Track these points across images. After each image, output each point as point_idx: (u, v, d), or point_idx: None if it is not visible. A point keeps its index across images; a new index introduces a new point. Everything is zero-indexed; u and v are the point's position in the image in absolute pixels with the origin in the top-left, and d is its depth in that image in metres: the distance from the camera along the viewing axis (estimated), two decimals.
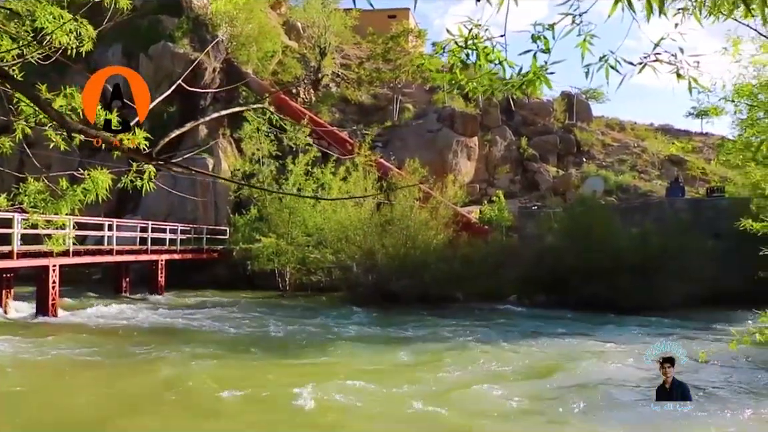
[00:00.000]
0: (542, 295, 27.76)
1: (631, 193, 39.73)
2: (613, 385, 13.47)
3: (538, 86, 3.05)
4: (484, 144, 43.00)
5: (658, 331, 20.70)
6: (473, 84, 3.11)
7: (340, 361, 15.27)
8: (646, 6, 2.50)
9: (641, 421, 10.85)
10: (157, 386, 12.56)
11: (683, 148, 18.10)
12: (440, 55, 3.11)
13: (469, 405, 11.47)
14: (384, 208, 28.70)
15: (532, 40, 2.93)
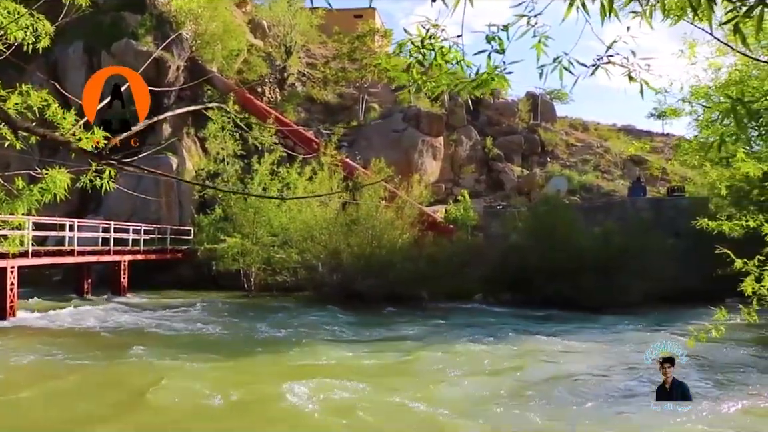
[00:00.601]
0: (507, 294, 28.03)
1: (594, 193, 40.27)
2: (577, 382, 13.65)
3: (493, 86, 3.08)
4: (449, 144, 43.19)
5: (620, 329, 21.03)
6: (431, 84, 3.13)
7: (305, 361, 15.20)
8: (601, 9, 2.54)
9: (603, 417, 11.01)
10: (120, 390, 12.41)
11: (642, 148, 18.44)
12: (400, 55, 3.12)
13: (433, 403, 11.51)
14: (350, 208, 28.68)
15: (487, 40, 2.96)
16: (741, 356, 16.38)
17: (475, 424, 10.52)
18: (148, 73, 35.57)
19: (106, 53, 35.85)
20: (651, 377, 14.06)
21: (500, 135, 45.80)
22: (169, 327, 19.83)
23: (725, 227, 7.04)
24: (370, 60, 43.57)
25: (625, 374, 14.43)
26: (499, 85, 3.12)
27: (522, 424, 10.59)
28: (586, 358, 16.13)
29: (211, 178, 32.52)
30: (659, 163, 43.42)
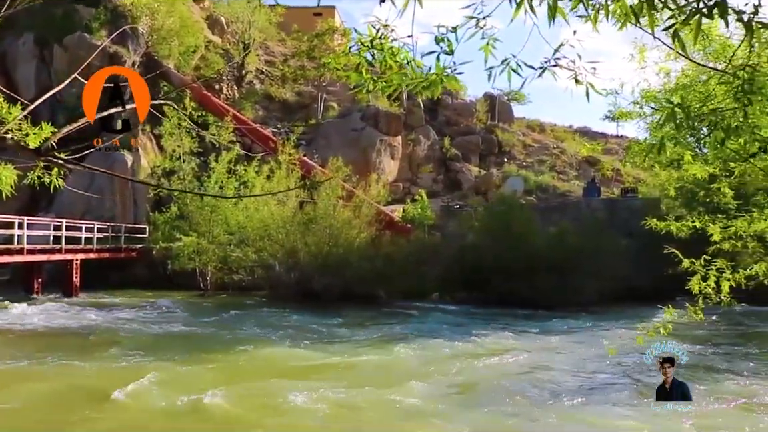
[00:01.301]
0: (463, 293, 28.23)
1: (550, 193, 40.79)
2: (531, 379, 13.82)
3: (443, 87, 3.11)
4: (407, 143, 43.32)
5: (574, 327, 21.39)
6: (382, 83, 3.15)
7: (256, 362, 15.11)
8: (548, 12, 2.58)
9: (557, 413, 11.17)
10: (71, 392, 12.15)
11: (594, 149, 18.80)
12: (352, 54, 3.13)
13: (385, 402, 11.54)
14: (307, 207, 28.58)
15: (436, 42, 2.99)
16: (692, 352, 16.78)
17: (427, 423, 10.57)
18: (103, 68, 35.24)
19: (58, 46, 35.08)
20: (603, 374, 14.37)
21: (458, 135, 46.10)
22: (121, 327, 19.50)
23: (673, 228, 7.20)
24: (328, 58, 43.30)
25: (579, 372, 14.68)
26: (449, 85, 3.15)
27: (474, 422, 10.69)
28: (540, 357, 16.36)
29: (167, 176, 32.05)
30: (608, 165, 44.15)
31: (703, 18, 2.42)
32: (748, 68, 2.82)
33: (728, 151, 4.91)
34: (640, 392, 12.80)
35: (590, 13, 2.71)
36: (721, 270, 6.74)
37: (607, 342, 17.81)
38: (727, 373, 14.59)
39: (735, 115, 2.92)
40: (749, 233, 6.84)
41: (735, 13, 2.53)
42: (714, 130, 3.02)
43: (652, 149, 3.35)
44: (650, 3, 2.51)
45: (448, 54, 3.00)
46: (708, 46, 6.13)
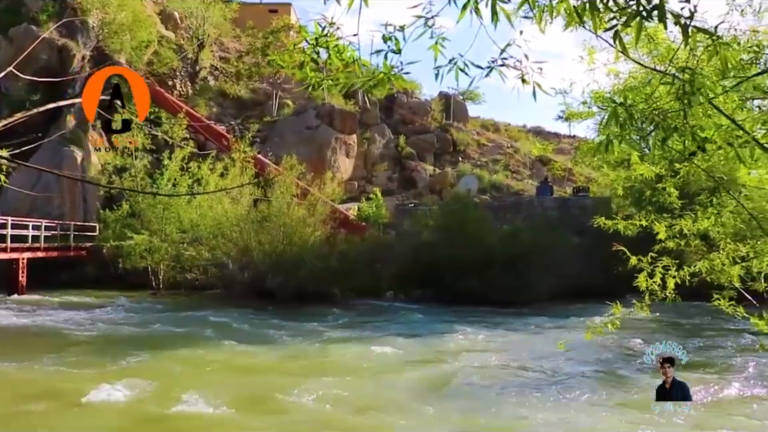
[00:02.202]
0: (418, 291, 28.37)
1: (504, 192, 41.28)
2: (486, 375, 13.97)
3: (389, 85, 3.12)
4: (362, 142, 43.34)
5: (527, 324, 21.68)
6: (328, 81, 3.15)
7: (209, 361, 14.95)
8: (492, 12, 2.62)
9: (510, 409, 11.31)
10: (14, 396, 11.85)
11: (545, 149, 19.11)
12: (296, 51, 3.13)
13: (337, 400, 11.53)
14: (261, 205, 28.38)
15: (383, 40, 3.01)
16: (639, 347, 17.18)
17: (382, 421, 10.61)
18: (51, 61, 34.01)
19: (2, 38, 34.14)
20: (556, 368, 14.59)
21: (413, 134, 46.29)
22: (68, 328, 19.04)
23: (620, 226, 7.34)
24: (273, 56, 42.91)
25: (533, 366, 14.89)
26: (396, 84, 3.17)
27: (429, 419, 10.76)
28: (495, 352, 16.56)
29: (118, 173, 31.45)
30: (561, 165, 44.87)
31: (645, 21, 2.50)
32: (688, 70, 2.90)
33: (673, 151, 5.03)
34: (591, 385, 13.07)
35: (535, 13, 2.75)
36: (666, 267, 6.88)
37: (558, 338, 18.09)
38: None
39: (676, 116, 3.00)
40: (693, 232, 7.01)
41: (673, 17, 2.61)
42: (655, 129, 3.11)
43: (599, 148, 3.42)
44: (593, 4, 2.57)
45: (396, 53, 3.02)
46: (654, 49, 6.27)
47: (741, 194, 7.77)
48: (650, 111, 3.31)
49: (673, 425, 10.34)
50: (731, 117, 4.92)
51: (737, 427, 10.51)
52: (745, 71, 5.31)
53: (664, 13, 2.50)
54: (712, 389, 12.76)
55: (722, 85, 5.50)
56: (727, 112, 5.04)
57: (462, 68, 3.03)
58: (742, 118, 5.05)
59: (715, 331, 19.47)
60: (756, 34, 5.83)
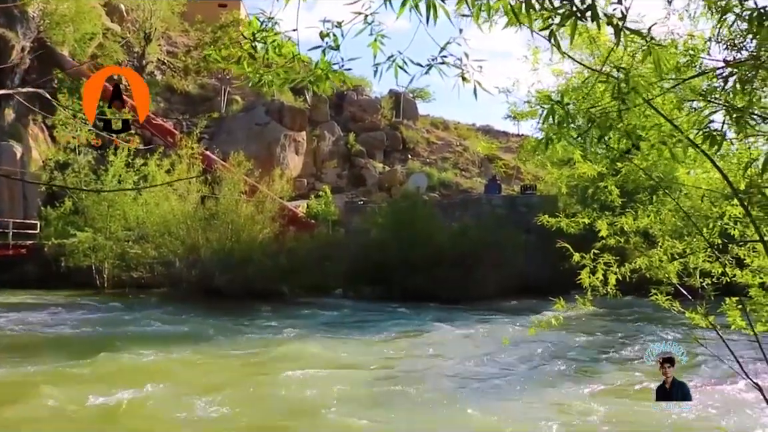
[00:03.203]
0: (368, 288, 28.42)
1: (453, 190, 41.63)
2: (434, 372, 14.08)
3: (328, 82, 3.13)
4: (312, 139, 43.20)
5: (475, 320, 21.88)
6: (268, 77, 3.14)
7: (155, 360, 14.69)
8: (427, 10, 2.64)
9: (459, 405, 11.42)
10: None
11: (490, 147, 19.41)
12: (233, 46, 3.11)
13: (281, 399, 11.49)
14: (209, 202, 28.04)
15: (320, 37, 3.01)
16: (582, 342, 17.56)
17: (328, 418, 10.59)
18: None
19: None
20: (503, 364, 14.80)
21: (363, 131, 46.32)
22: (5, 328, 18.49)
23: (563, 224, 7.47)
24: (209, 50, 42.42)
25: (479, 363, 15.06)
26: (335, 80, 3.17)
27: (377, 415, 10.79)
28: (442, 350, 16.68)
29: (61, 169, 30.66)
30: (504, 163, 45.42)
31: (579, 21, 2.55)
32: (622, 70, 2.98)
33: (611, 149, 5.15)
34: (535, 380, 13.31)
35: (473, 12, 2.79)
36: (608, 264, 7.02)
37: (505, 334, 18.36)
38: (613, 360, 15.38)
39: (612, 114, 3.08)
40: (633, 229, 7.18)
41: (606, 17, 2.68)
42: (592, 128, 3.19)
43: (538, 146, 3.49)
44: (528, 4, 2.62)
45: (334, 49, 3.02)
46: (597, 50, 6.39)
47: (681, 193, 7.97)
48: (587, 110, 3.39)
49: (593, 415, 10.63)
50: (668, 117, 5.06)
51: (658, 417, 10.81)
52: (683, 74, 5.47)
53: (596, 14, 2.56)
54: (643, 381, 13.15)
55: (660, 86, 5.66)
56: (665, 113, 5.19)
57: (401, 66, 3.05)
58: (680, 118, 5.19)
59: (655, 325, 19.97)
60: (692, 38, 6.00)
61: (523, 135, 53.23)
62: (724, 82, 3.48)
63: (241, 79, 3.40)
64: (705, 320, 6.47)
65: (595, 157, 7.49)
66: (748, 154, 6.04)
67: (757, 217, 5.95)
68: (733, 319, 6.42)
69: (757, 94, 5.20)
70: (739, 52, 4.61)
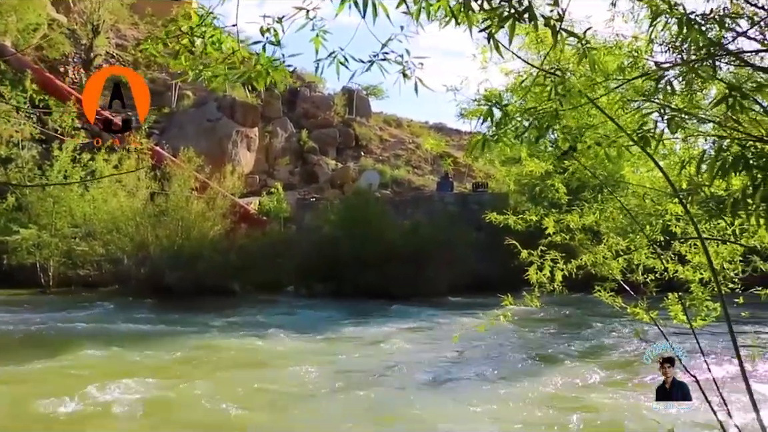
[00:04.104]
0: (320, 285, 28.35)
1: (405, 187, 41.78)
2: (382, 369, 14.11)
3: (269, 78, 3.11)
4: (264, 135, 42.85)
5: (426, 317, 22.04)
6: (208, 72, 3.12)
7: (101, 360, 14.40)
8: (369, 8, 2.65)
9: (404, 404, 11.47)
10: None
11: (438, 144, 19.58)
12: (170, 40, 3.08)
13: (228, 397, 11.38)
14: (158, 199, 27.60)
15: (261, 32, 2.99)
16: (530, 338, 17.83)
17: (274, 418, 10.55)
18: None
19: None
20: (450, 362, 14.92)
21: (316, 128, 46.15)
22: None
23: (511, 221, 7.57)
24: (146, 44, 41.68)
25: (429, 361, 15.15)
26: (275, 76, 3.16)
27: (327, 414, 10.78)
28: (393, 346, 16.73)
29: (3, 164, 29.77)
30: (452, 160, 45.68)
31: (518, 22, 2.60)
32: (559, 71, 3.04)
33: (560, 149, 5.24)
34: (481, 377, 13.46)
35: (413, 10, 2.81)
36: (554, 260, 7.13)
37: (455, 330, 18.50)
38: (559, 355, 15.66)
39: (550, 115, 3.15)
40: (579, 226, 7.31)
41: (543, 19, 2.73)
42: (529, 128, 3.25)
43: (476, 146, 3.54)
44: (467, 5, 2.65)
45: (275, 44, 3.01)
46: (543, 50, 6.50)
47: (629, 191, 8.14)
48: (525, 110, 3.45)
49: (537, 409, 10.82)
50: (612, 117, 5.17)
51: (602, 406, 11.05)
52: (627, 75, 5.59)
53: (534, 16, 2.61)
54: (583, 374, 13.45)
55: (605, 86, 5.77)
56: (611, 112, 5.30)
57: (342, 62, 3.06)
58: (623, 118, 5.31)
59: (599, 320, 20.33)
60: (636, 40, 6.14)
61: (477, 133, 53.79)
62: (656, 84, 3.58)
63: (182, 74, 3.37)
64: (647, 315, 6.64)
65: (543, 155, 7.62)
66: (689, 153, 6.21)
67: (696, 215, 6.12)
68: (675, 314, 6.60)
69: (696, 95, 5.37)
70: (680, 54, 4.74)
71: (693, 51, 3.42)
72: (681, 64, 3.57)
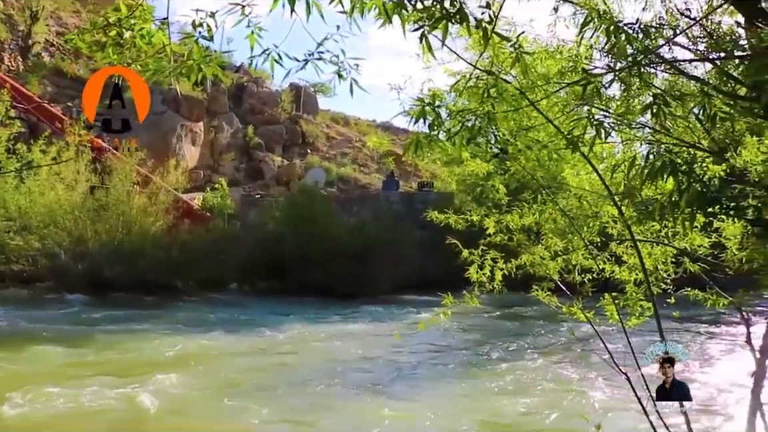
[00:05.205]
0: (264, 283, 28.15)
1: (351, 185, 41.73)
2: (326, 368, 14.08)
3: (200, 74, 3.07)
4: (210, 130, 42.26)
5: (370, 315, 22.13)
6: (137, 66, 3.06)
7: (34, 359, 13.99)
8: (306, 6, 2.64)
9: (345, 403, 11.48)
10: None
11: (380, 143, 19.72)
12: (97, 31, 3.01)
13: (168, 396, 11.23)
14: (98, 192, 26.96)
15: (193, 26, 2.95)
16: (470, 337, 18.05)
17: (214, 417, 10.43)
18: None
19: None
20: (390, 360, 14.98)
21: (262, 124, 45.74)
22: None
23: (452, 221, 7.63)
24: (71, 35, 40.76)
25: (369, 359, 15.20)
26: (207, 72, 3.12)
27: (268, 414, 10.70)
28: (334, 344, 16.75)
29: None
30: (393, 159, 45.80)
31: (450, 24, 2.62)
32: (492, 73, 3.08)
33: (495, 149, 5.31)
34: (424, 376, 13.56)
35: (348, 9, 2.81)
36: (494, 260, 7.21)
37: (397, 329, 18.60)
38: (496, 354, 15.91)
39: (482, 117, 3.18)
40: (518, 227, 7.41)
41: (475, 21, 2.76)
42: (461, 130, 3.29)
43: (410, 146, 3.56)
44: (401, 4, 2.66)
45: (208, 39, 2.98)
46: (483, 52, 6.57)
47: (571, 193, 8.28)
48: (457, 112, 3.48)
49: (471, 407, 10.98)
50: (551, 120, 5.26)
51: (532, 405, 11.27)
52: (567, 79, 5.69)
53: (465, 17, 2.64)
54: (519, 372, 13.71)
55: (545, 90, 5.86)
56: (552, 116, 5.39)
57: (277, 59, 3.04)
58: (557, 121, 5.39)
59: (538, 319, 20.69)
60: (577, 45, 6.26)
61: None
62: (583, 90, 3.66)
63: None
64: (583, 314, 6.78)
65: (485, 156, 7.70)
66: (626, 157, 6.37)
67: (631, 218, 6.27)
68: (611, 313, 6.75)
69: (633, 101, 5.50)
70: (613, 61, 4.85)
71: (621, 58, 3.51)
72: (608, 71, 3.65)
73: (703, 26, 5.56)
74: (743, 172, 5.62)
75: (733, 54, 4.54)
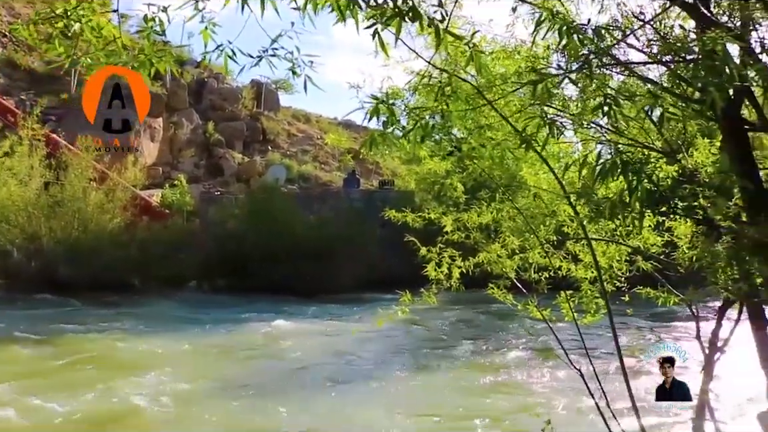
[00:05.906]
0: (223, 281, 27.87)
1: (312, 183, 41.55)
2: (286, 367, 14.05)
3: (153, 68, 3.04)
4: (169, 126, 41.69)
5: (329, 313, 22.12)
6: (86, 60, 3.02)
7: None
8: (260, 2, 2.63)
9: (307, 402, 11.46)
10: None
11: (339, 140, 19.75)
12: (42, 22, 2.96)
13: (121, 398, 11.08)
14: (53, 189, 26.41)
15: (145, 21, 2.92)
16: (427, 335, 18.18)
17: (175, 417, 10.34)
18: None
19: None
20: (348, 358, 14.99)
21: (222, 120, 45.26)
22: None
23: (409, 219, 7.67)
24: (16, 25, 39.98)
25: (327, 356, 15.20)
26: (160, 67, 3.09)
27: (228, 415, 10.63)
28: (293, 343, 16.71)
29: None
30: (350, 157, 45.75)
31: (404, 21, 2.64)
32: (445, 72, 3.10)
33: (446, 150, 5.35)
34: (381, 375, 13.60)
35: (301, 5, 2.80)
36: (452, 257, 7.26)
37: (356, 326, 18.61)
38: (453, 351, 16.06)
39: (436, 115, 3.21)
40: (475, 225, 7.47)
41: (428, 19, 2.78)
42: (415, 128, 3.31)
43: (365, 143, 3.57)
44: (354, 2, 2.66)
45: (159, 34, 2.95)
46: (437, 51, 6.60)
47: (530, 192, 8.37)
48: (410, 110, 3.50)
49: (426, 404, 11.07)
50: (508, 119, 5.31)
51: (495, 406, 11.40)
52: (524, 79, 5.75)
53: (418, 15, 2.65)
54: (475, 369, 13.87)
55: (502, 89, 5.92)
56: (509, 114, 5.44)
57: (230, 55, 3.02)
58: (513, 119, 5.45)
59: (494, 316, 20.88)
60: (534, 45, 6.33)
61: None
62: (533, 89, 3.71)
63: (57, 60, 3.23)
64: (538, 312, 6.87)
65: (444, 154, 7.74)
66: (583, 155, 6.46)
67: (587, 216, 6.36)
68: (567, 311, 6.85)
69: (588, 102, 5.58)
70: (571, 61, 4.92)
71: (574, 59, 3.56)
72: (560, 73, 3.71)
73: (657, 30, 5.68)
74: (694, 173, 5.75)
75: (684, 57, 4.64)
